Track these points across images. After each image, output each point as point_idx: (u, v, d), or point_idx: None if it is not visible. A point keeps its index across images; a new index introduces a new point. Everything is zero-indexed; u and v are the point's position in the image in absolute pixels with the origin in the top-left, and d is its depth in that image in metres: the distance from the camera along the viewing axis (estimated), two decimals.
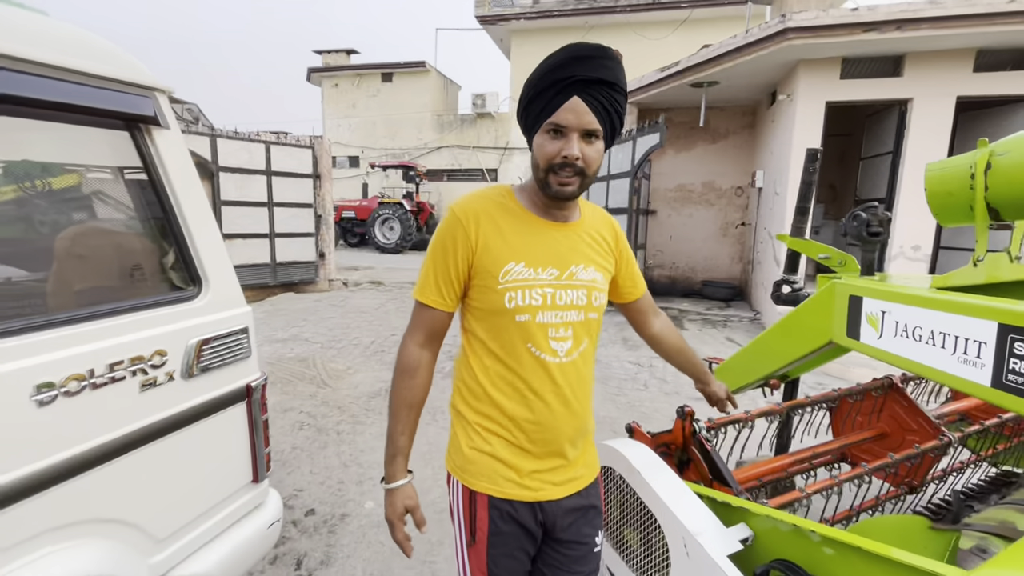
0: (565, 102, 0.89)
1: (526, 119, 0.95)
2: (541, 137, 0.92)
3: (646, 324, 1.27)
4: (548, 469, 1.01)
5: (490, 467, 0.99)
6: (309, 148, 7.72)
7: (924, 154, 5.29)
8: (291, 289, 7.84)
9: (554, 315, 0.97)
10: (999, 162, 1.46)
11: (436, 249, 0.98)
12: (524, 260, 0.96)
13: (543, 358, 0.97)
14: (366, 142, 17.23)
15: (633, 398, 4.06)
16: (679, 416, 1.37)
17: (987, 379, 1.13)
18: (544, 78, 0.90)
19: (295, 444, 3.07)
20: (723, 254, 8.57)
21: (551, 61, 0.91)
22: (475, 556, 1.01)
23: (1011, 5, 4.42)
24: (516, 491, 0.99)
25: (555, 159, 0.91)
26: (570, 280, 0.99)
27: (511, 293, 0.95)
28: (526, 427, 0.98)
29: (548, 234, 0.99)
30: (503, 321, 0.96)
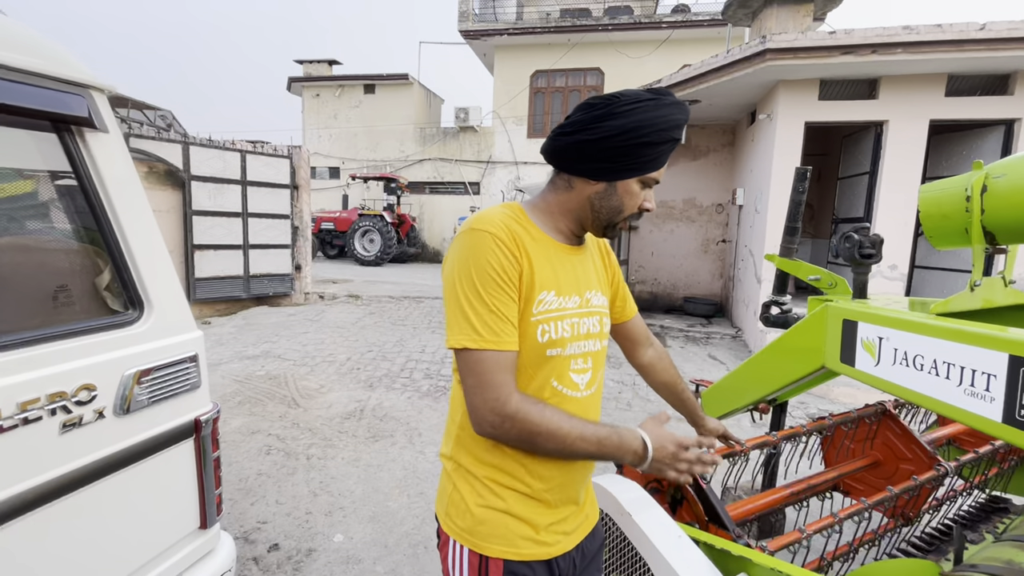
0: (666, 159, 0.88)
1: (619, 159, 0.84)
2: (635, 185, 0.88)
3: (636, 352, 1.19)
4: (562, 519, 0.91)
5: (505, 526, 0.87)
6: (287, 158, 7.54)
7: (899, 175, 5.40)
8: (265, 302, 7.59)
9: (578, 346, 0.90)
10: (995, 184, 1.42)
11: (487, 277, 0.80)
12: (555, 288, 0.87)
13: (566, 393, 0.88)
14: (347, 153, 17.06)
15: (617, 418, 3.97)
16: None
17: (998, 414, 1.07)
18: (665, 132, 0.84)
19: (261, 470, 2.89)
20: (704, 270, 8.62)
21: (677, 117, 0.85)
22: None
23: (981, 33, 4.55)
24: (534, 550, 0.88)
25: (635, 209, 0.90)
26: (588, 307, 0.92)
27: (544, 326, 0.85)
28: (546, 475, 0.87)
29: (569, 260, 0.92)
30: (531, 357, 0.85)
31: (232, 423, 3.49)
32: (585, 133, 0.85)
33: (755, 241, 6.33)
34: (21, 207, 0.93)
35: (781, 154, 5.56)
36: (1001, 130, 5.29)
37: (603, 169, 0.86)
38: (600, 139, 0.84)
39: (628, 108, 0.83)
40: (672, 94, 0.87)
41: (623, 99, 0.84)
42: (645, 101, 0.84)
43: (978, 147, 5.57)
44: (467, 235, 0.83)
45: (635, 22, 13.45)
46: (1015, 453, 2.10)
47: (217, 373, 4.54)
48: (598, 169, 0.86)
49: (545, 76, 14.74)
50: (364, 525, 2.40)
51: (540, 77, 14.77)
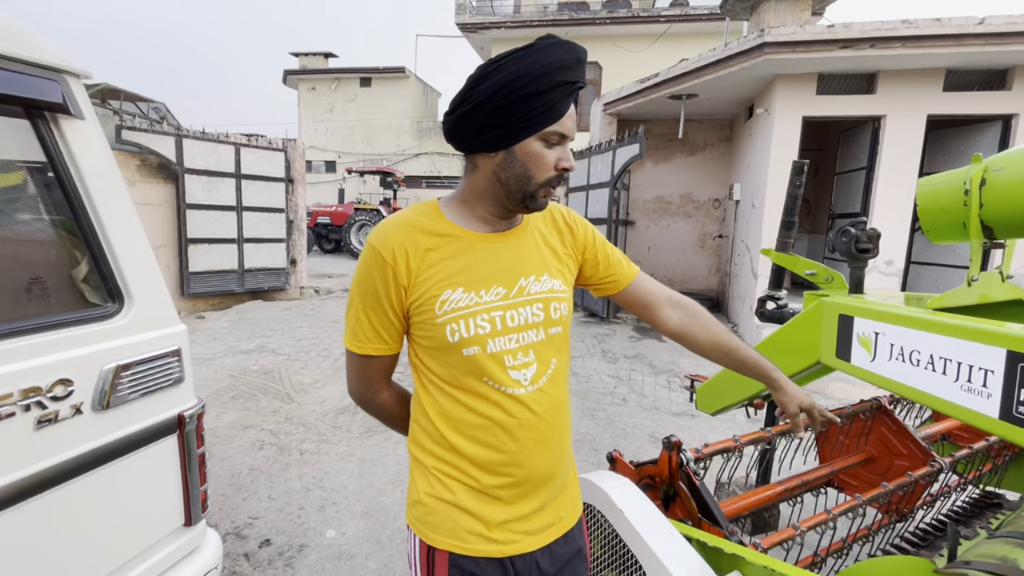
0: (568, 109, 0.79)
1: (505, 120, 0.77)
2: (536, 145, 0.79)
3: (657, 317, 1.03)
4: (521, 517, 0.86)
5: (452, 519, 0.85)
6: (282, 151, 7.48)
7: (897, 170, 5.38)
8: (259, 297, 7.55)
9: (508, 340, 0.84)
10: (994, 178, 1.40)
11: (362, 294, 0.84)
12: (462, 285, 0.83)
13: (506, 391, 0.84)
14: (343, 147, 16.96)
15: (612, 413, 3.96)
16: (665, 447, 1.26)
17: (995, 411, 1.05)
18: (550, 77, 0.76)
19: (253, 465, 2.87)
20: (701, 266, 8.61)
21: (558, 57, 0.77)
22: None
23: (980, 27, 4.53)
24: (482, 546, 0.84)
25: (552, 171, 0.81)
26: (520, 296, 0.86)
27: (452, 325, 0.81)
28: (495, 470, 0.84)
29: (489, 249, 0.86)
30: (451, 356, 0.83)
31: (225, 418, 3.47)
32: (465, 105, 0.79)
33: (752, 236, 6.31)
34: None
35: (778, 149, 5.54)
36: (999, 125, 5.28)
37: (494, 137, 0.80)
38: (478, 105, 0.78)
39: (498, 65, 0.77)
40: (553, 36, 0.79)
41: (494, 58, 0.78)
42: (516, 52, 0.78)
43: (975, 142, 5.55)
44: (364, 248, 0.85)
45: (633, 15, 13.38)
46: (1009, 448, 2.10)
47: (210, 368, 4.51)
48: (489, 139, 0.80)
49: None
50: (357, 520, 2.39)
51: None
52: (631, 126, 7.20)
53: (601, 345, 5.87)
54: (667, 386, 4.64)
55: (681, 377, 4.87)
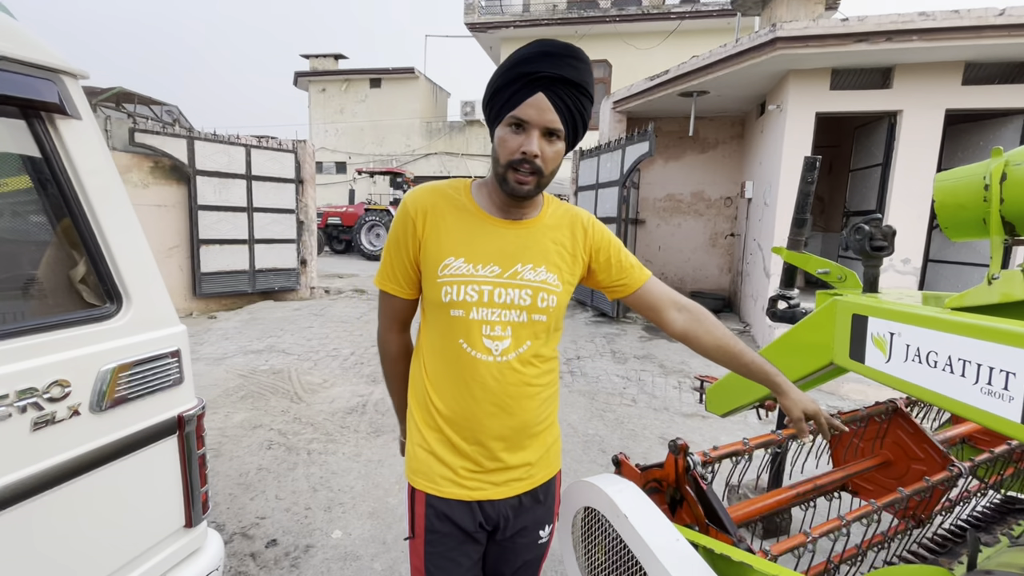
0: (529, 97, 0.86)
1: (490, 111, 0.92)
2: (503, 130, 0.89)
3: (663, 319, 1.08)
4: (487, 470, 0.99)
5: (428, 464, 1.00)
6: (291, 152, 7.53)
7: (914, 167, 5.26)
8: (270, 297, 7.61)
9: (491, 313, 0.95)
10: (1015, 172, 1.34)
11: (391, 239, 1.00)
12: (464, 256, 0.95)
13: (474, 355, 0.95)
14: (353, 148, 17.07)
15: (621, 414, 3.92)
16: (671, 450, 1.23)
17: (1017, 414, 1.01)
18: (511, 70, 0.87)
19: (261, 465, 2.88)
20: (712, 265, 8.51)
21: (520, 54, 0.88)
22: (414, 551, 1.02)
23: (1000, 19, 4.41)
24: (452, 489, 0.99)
25: (514, 155, 0.88)
26: (513, 279, 0.96)
27: (447, 287, 0.94)
28: (460, 424, 0.98)
29: (496, 232, 0.97)
30: (440, 315, 0.96)
31: (235, 418, 3.49)
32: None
33: (764, 235, 6.22)
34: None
35: (791, 146, 5.45)
36: (1020, 120, 5.14)
37: (489, 123, 0.94)
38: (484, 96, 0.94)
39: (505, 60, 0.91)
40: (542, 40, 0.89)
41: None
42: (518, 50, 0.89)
43: (996, 137, 5.41)
44: (401, 203, 1.01)
45: (643, 13, 13.27)
46: None
47: (221, 368, 4.55)
48: (489, 126, 0.95)
49: None
50: (363, 521, 2.38)
51: None
52: (641, 124, 7.14)
53: (611, 345, 5.82)
54: (677, 387, 4.58)
55: (691, 378, 4.81)
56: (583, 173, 7.94)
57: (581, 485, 1.22)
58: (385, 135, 16.75)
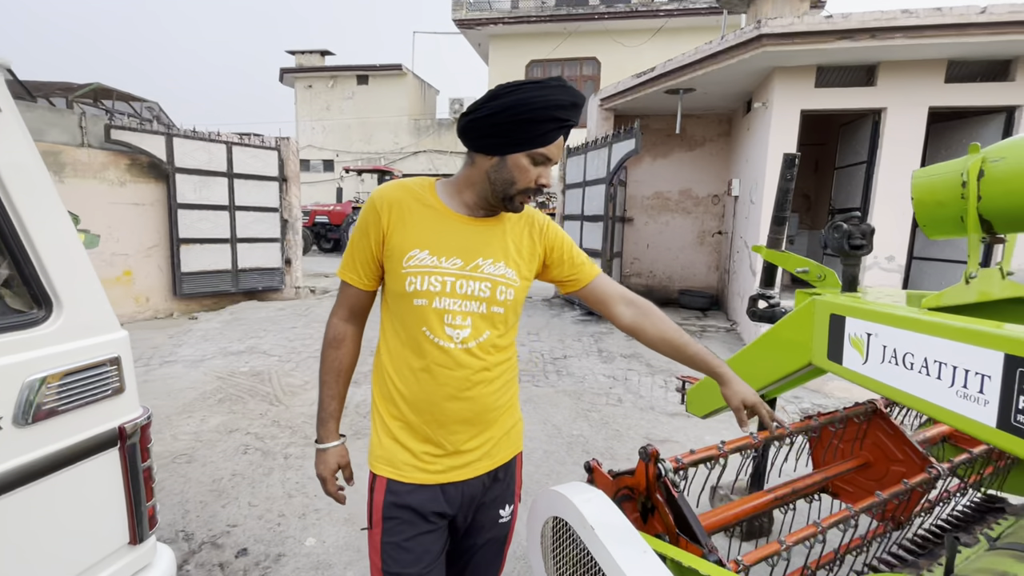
0: (557, 138, 0.97)
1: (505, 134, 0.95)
2: (524, 160, 0.97)
3: (613, 313, 1.17)
4: (448, 453, 1.04)
5: (392, 451, 1.03)
6: (275, 150, 7.41)
7: (898, 164, 5.28)
8: (254, 297, 7.49)
9: (453, 303, 1.01)
10: (992, 169, 1.31)
11: (356, 231, 1.04)
12: (429, 248, 1.00)
13: (437, 342, 1.00)
14: (341, 145, 16.90)
15: (607, 414, 3.89)
16: (641, 457, 1.18)
17: (992, 419, 0.98)
18: (548, 111, 0.94)
19: (236, 470, 2.80)
20: (700, 263, 8.52)
21: (557, 98, 0.94)
22: (372, 544, 1.05)
23: (982, 16, 4.43)
24: (415, 474, 1.03)
25: (531, 184, 0.99)
26: (474, 272, 1.02)
27: (411, 278, 0.99)
28: (422, 408, 1.02)
29: (459, 228, 1.03)
30: (404, 304, 1.01)
31: (210, 421, 3.41)
32: (478, 112, 0.96)
33: (750, 232, 6.22)
34: None
35: (777, 143, 5.44)
36: (1002, 117, 5.17)
37: (494, 144, 0.97)
38: (488, 116, 0.95)
39: (512, 89, 0.95)
40: (561, 80, 0.97)
41: (511, 83, 0.97)
42: (529, 84, 0.95)
43: (978, 135, 5.44)
44: (368, 198, 1.06)
45: (631, 10, 13.26)
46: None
47: (199, 370, 4.45)
48: (490, 144, 0.98)
49: (541, 66, 14.55)
50: (338, 528, 2.32)
51: (536, 67, 14.59)
52: (628, 121, 7.11)
53: (598, 344, 5.79)
54: (664, 386, 4.56)
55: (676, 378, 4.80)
56: (570, 171, 7.91)
57: (549, 494, 1.17)
58: (373, 133, 16.61)
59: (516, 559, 2.15)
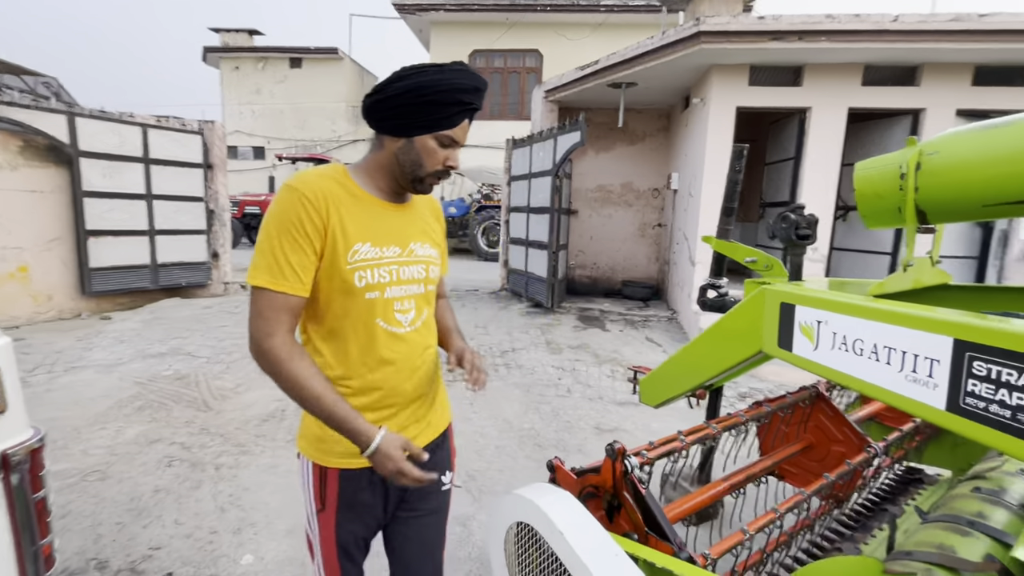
0: (462, 121, 1.00)
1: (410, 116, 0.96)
2: (431, 142, 0.99)
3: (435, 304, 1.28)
4: (400, 429, 1.06)
5: (343, 444, 1.00)
6: (198, 134, 6.84)
7: (821, 160, 5.64)
8: (177, 294, 6.91)
9: (400, 289, 1.04)
10: (928, 162, 1.37)
11: (286, 229, 0.93)
12: (370, 240, 1.00)
13: (392, 330, 1.03)
14: (272, 132, 15.95)
15: (556, 405, 3.89)
16: (608, 455, 1.15)
17: (941, 402, 1.01)
18: (452, 94, 0.96)
19: (159, 486, 2.54)
20: (641, 254, 8.76)
21: (460, 82, 0.96)
22: (325, 521, 1.06)
23: (894, 24, 4.78)
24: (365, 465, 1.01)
25: (440, 165, 1.01)
26: (410, 256, 1.06)
27: (360, 272, 0.98)
28: (369, 392, 1.03)
29: (388, 215, 1.05)
30: (352, 300, 0.99)
31: (127, 432, 3.08)
32: (381, 94, 0.97)
33: (689, 225, 6.45)
34: None
35: (714, 138, 5.65)
36: (909, 119, 5.64)
37: (399, 126, 0.98)
38: (390, 97, 0.96)
39: (414, 72, 0.96)
40: (463, 64, 0.99)
41: (414, 65, 0.98)
42: (431, 67, 0.96)
43: (888, 135, 5.92)
44: (282, 191, 0.95)
45: (573, 4, 13.35)
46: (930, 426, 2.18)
47: (114, 375, 4.03)
48: (395, 126, 0.99)
49: (484, 56, 14.37)
50: (279, 542, 2.15)
51: (479, 57, 14.39)
52: (572, 114, 7.15)
53: (545, 336, 5.81)
54: (611, 375, 4.63)
55: (623, 367, 4.90)
56: (516, 163, 7.86)
57: (511, 499, 1.10)
58: (307, 119, 15.78)
59: (472, 560, 2.09)
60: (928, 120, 5.46)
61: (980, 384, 0.94)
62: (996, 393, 0.91)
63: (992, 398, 0.91)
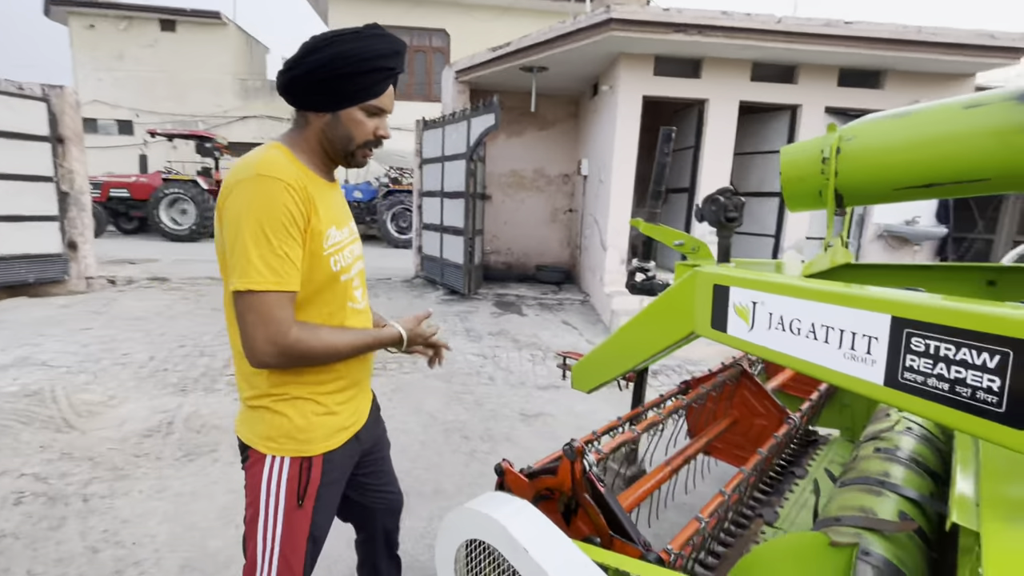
0: (387, 88, 0.97)
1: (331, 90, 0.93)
2: (359, 114, 0.97)
3: None
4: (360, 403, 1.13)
5: (327, 426, 1.03)
6: (42, 101, 5.72)
7: (717, 149, 6.04)
8: (22, 292, 5.80)
9: (355, 269, 1.07)
10: (847, 147, 1.44)
11: (278, 223, 0.88)
12: (335, 224, 1.00)
13: (354, 307, 1.06)
14: (142, 103, 13.95)
15: (480, 395, 3.80)
16: (567, 455, 1.06)
17: (880, 378, 1.05)
18: (372, 62, 0.93)
19: (4, 530, 2.07)
20: (554, 239, 8.90)
21: (378, 47, 0.93)
22: (299, 518, 1.03)
23: (778, 25, 5.19)
24: (343, 436, 1.07)
25: (370, 136, 0.99)
26: (352, 234, 1.08)
27: (335, 257, 0.99)
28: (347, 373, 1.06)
29: (333, 194, 1.03)
30: (331, 285, 0.99)
31: None
32: (296, 69, 0.92)
33: (600, 210, 6.63)
34: None
35: (623, 126, 5.82)
36: (788, 114, 6.21)
37: (322, 100, 0.95)
38: (308, 72, 0.92)
39: (329, 42, 0.91)
40: (377, 26, 0.95)
41: (326, 35, 0.92)
42: (345, 35, 0.92)
43: (771, 129, 6.48)
44: (257, 181, 0.87)
45: None
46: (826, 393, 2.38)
47: None
48: (318, 101, 0.95)
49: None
50: None
51: None
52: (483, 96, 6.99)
53: (464, 324, 5.68)
54: (532, 360, 4.64)
55: (544, 350, 4.92)
56: (427, 145, 7.56)
57: (461, 514, 0.98)
58: (186, 91, 13.98)
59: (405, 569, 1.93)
60: (804, 116, 6.05)
61: (919, 359, 0.98)
62: (934, 367, 0.95)
63: (930, 372, 0.96)
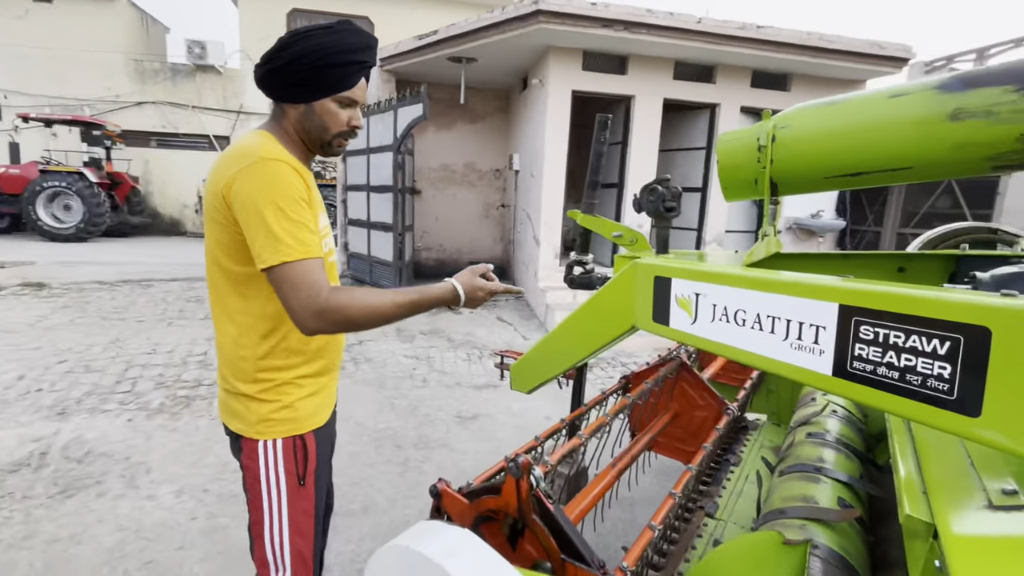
0: (359, 81, 1.03)
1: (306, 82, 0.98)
2: (332, 105, 1.02)
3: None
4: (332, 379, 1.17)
5: (316, 404, 1.09)
6: None
7: (643, 145, 6.18)
8: None
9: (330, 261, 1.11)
10: (781, 135, 1.43)
11: (294, 200, 0.94)
12: (321, 211, 1.07)
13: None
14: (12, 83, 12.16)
15: (414, 398, 3.61)
16: (512, 473, 0.94)
17: (828, 367, 1.02)
18: (345, 55, 0.98)
19: None
20: (486, 235, 8.78)
21: (351, 42, 0.98)
22: (304, 495, 1.06)
23: (698, 26, 5.38)
24: (328, 412, 1.14)
25: (344, 127, 1.05)
26: (327, 227, 1.11)
27: (325, 240, 1.07)
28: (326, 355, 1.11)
29: (314, 184, 1.06)
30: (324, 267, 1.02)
31: None
32: (273, 63, 0.97)
33: (532, 205, 6.59)
34: None
35: (553, 120, 5.80)
36: (707, 112, 6.49)
37: (297, 92, 1.00)
38: (284, 65, 0.97)
39: (302, 37, 0.96)
40: (350, 22, 1.00)
41: (300, 30, 0.97)
42: (318, 30, 0.97)
43: (692, 126, 6.75)
44: (263, 164, 0.93)
45: None
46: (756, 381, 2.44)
47: None
48: (293, 93, 1.00)
49: (305, 17, 12.82)
50: None
51: (299, 17, 12.81)
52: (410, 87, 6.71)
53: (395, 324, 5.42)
54: (467, 359, 4.50)
55: (480, 348, 4.80)
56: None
57: (393, 552, 0.83)
58: (67, 71, 12.34)
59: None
60: (722, 114, 6.35)
61: (868, 348, 0.95)
62: (884, 356, 0.93)
63: (880, 360, 0.94)
